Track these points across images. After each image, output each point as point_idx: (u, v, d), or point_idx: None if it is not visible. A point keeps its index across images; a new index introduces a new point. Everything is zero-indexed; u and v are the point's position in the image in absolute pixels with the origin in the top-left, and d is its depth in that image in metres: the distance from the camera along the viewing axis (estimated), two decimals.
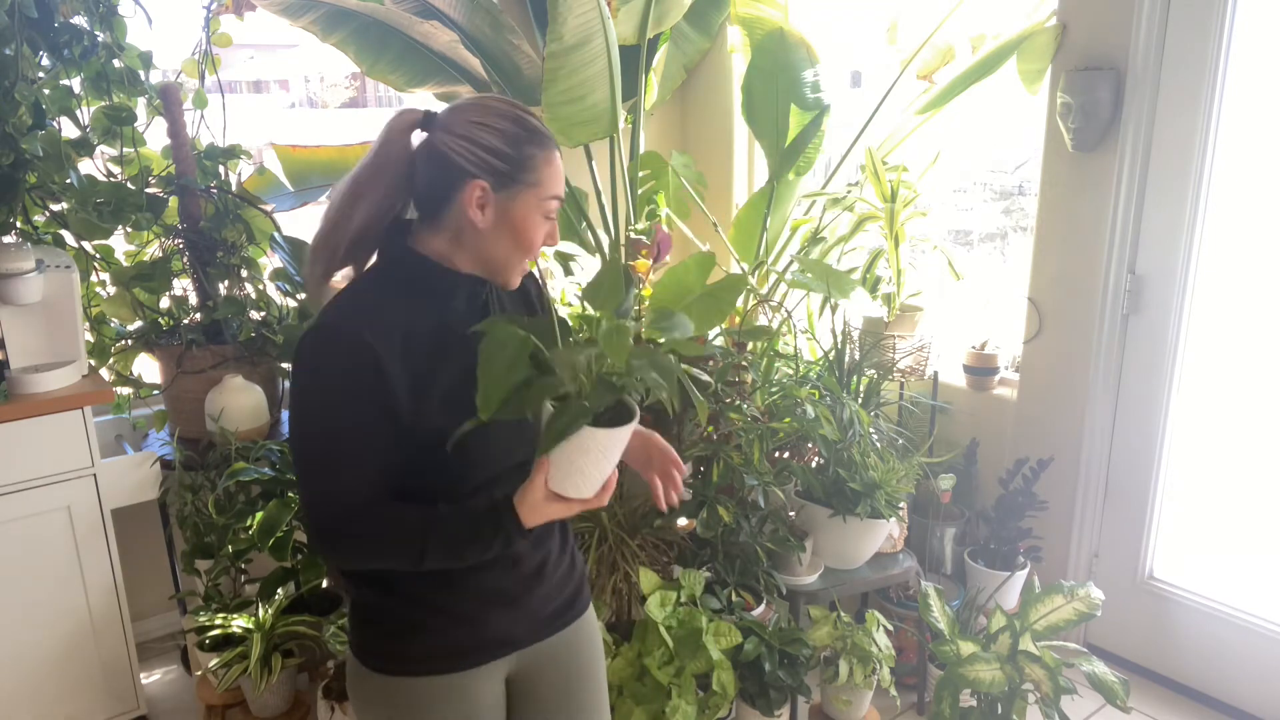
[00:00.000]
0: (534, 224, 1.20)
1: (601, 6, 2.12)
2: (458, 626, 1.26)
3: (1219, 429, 2.38)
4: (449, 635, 1.26)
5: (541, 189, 1.20)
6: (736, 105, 2.92)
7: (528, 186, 1.18)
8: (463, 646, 1.27)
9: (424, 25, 2.37)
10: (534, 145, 1.19)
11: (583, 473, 1.10)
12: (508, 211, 1.18)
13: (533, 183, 1.19)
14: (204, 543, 2.21)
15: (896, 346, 2.56)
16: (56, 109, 2.22)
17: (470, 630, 1.27)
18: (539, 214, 1.20)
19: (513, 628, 1.31)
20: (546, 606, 1.34)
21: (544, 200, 1.20)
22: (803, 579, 2.26)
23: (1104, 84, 2.25)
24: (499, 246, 1.20)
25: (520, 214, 1.19)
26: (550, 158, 1.20)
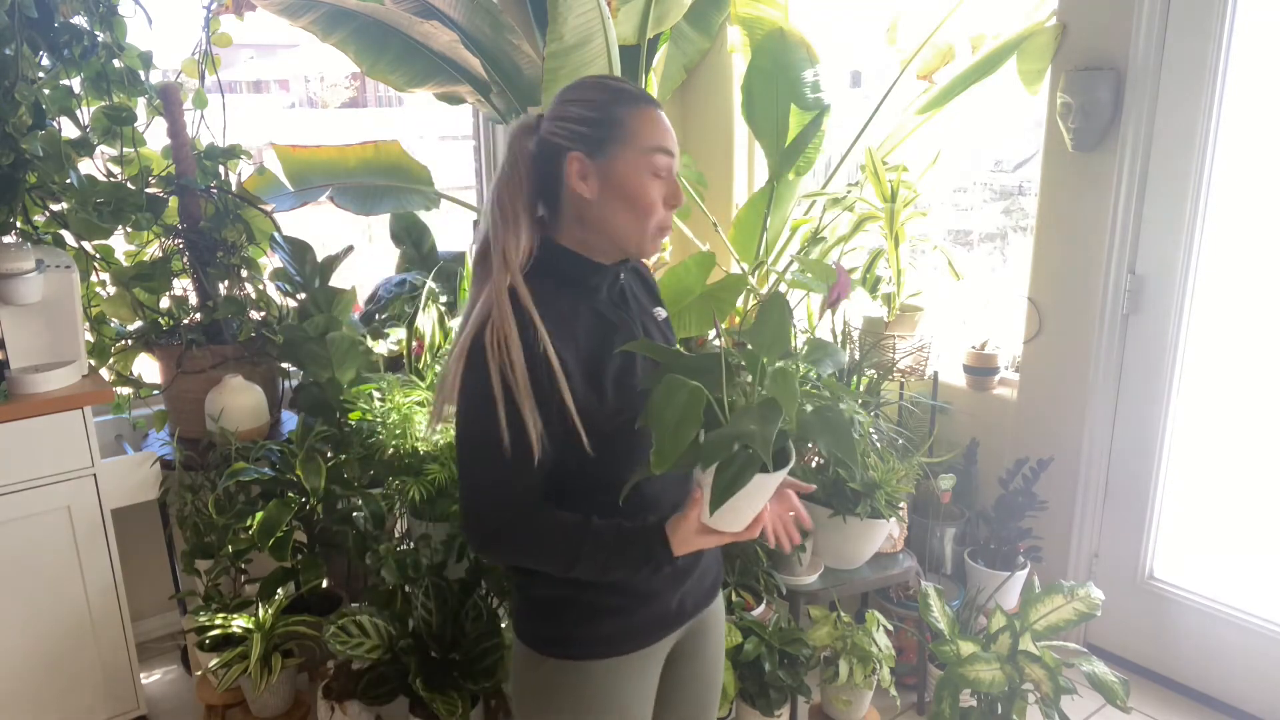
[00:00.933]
0: (641, 182, 1.17)
1: (601, 6, 2.12)
2: (648, 604, 1.28)
3: (1219, 429, 2.38)
4: (640, 614, 1.28)
5: (638, 142, 1.17)
6: (736, 105, 2.92)
7: (622, 144, 1.17)
8: (652, 621, 1.29)
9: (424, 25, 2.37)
10: (621, 105, 1.18)
11: (736, 510, 1.11)
12: (610, 176, 1.17)
13: (626, 139, 1.17)
14: (204, 543, 2.21)
15: (896, 346, 2.56)
16: (56, 109, 2.22)
17: (660, 605, 1.29)
18: (644, 170, 1.17)
19: (689, 597, 1.33)
20: (710, 576, 1.37)
21: (643, 154, 1.17)
22: (803, 579, 2.26)
23: (1104, 84, 2.25)
24: (617, 215, 1.19)
25: (623, 174, 1.17)
26: (642, 112, 1.18)
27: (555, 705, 1.27)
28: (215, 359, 2.37)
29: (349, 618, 1.95)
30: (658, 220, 1.20)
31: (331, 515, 2.19)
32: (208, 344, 2.38)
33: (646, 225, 1.20)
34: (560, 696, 1.27)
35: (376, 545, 2.09)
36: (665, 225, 1.21)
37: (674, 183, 1.20)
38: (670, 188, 1.20)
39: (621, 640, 1.27)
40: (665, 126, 1.19)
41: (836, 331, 2.50)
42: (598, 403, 1.17)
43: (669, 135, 1.19)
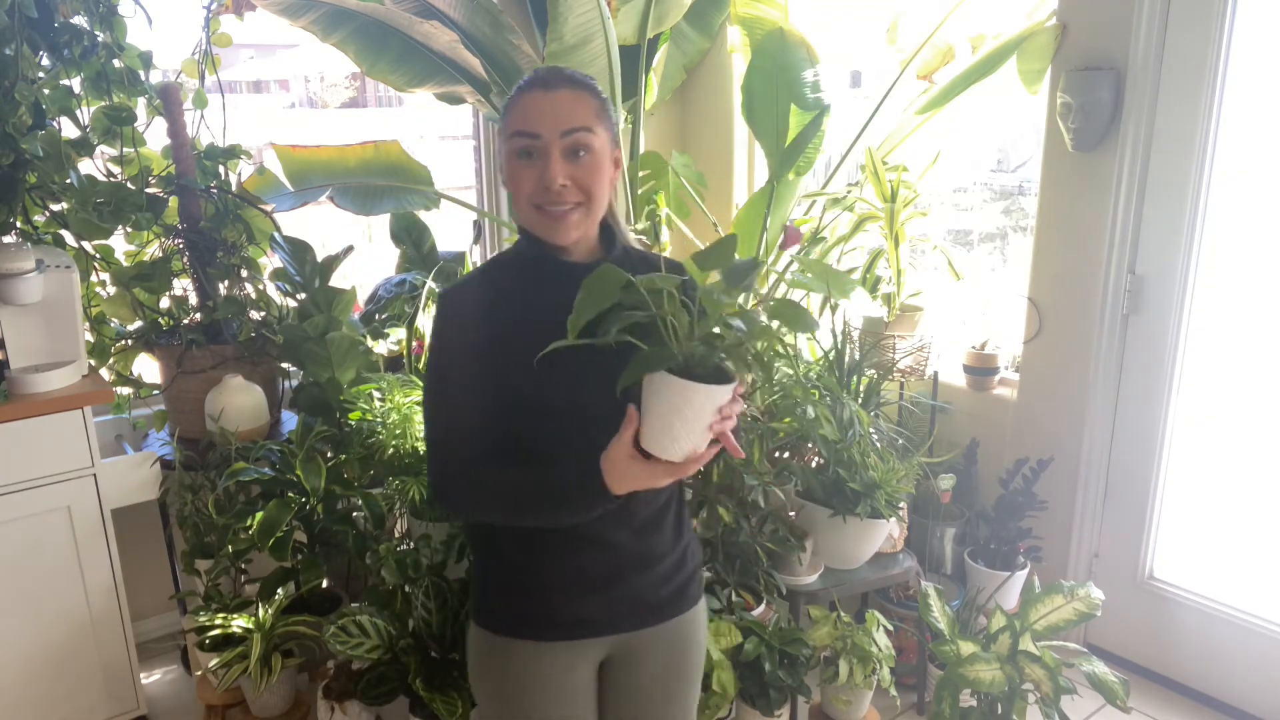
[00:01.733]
0: (509, 166, 1.24)
1: (601, 6, 2.12)
2: (551, 599, 1.30)
3: (1219, 429, 2.38)
4: (548, 605, 1.30)
5: (506, 130, 1.23)
6: (736, 105, 2.92)
7: (502, 134, 1.24)
8: (557, 619, 1.31)
9: (424, 25, 2.37)
10: (512, 96, 1.24)
11: (672, 432, 1.10)
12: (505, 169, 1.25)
13: (502, 129, 1.24)
14: (204, 543, 2.21)
15: (896, 346, 2.56)
16: (56, 109, 2.22)
17: (565, 605, 1.30)
18: (511, 155, 1.22)
19: (604, 612, 1.32)
20: (650, 596, 1.35)
21: (508, 140, 1.22)
22: (803, 579, 2.25)
23: (1104, 84, 2.25)
24: (514, 203, 1.26)
25: (503, 161, 1.25)
26: (514, 100, 1.22)
27: (481, 673, 1.36)
28: (215, 359, 2.37)
29: (349, 618, 1.95)
30: (528, 195, 1.22)
31: (331, 515, 2.19)
32: (208, 344, 2.38)
33: (519, 205, 1.24)
34: (485, 666, 1.35)
35: (376, 545, 2.09)
36: (545, 205, 1.22)
37: (542, 164, 1.20)
38: (537, 168, 1.21)
39: (539, 625, 1.31)
40: (533, 107, 1.20)
41: (835, 331, 2.50)
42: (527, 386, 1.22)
43: (534, 115, 1.20)
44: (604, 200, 1.26)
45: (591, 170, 1.22)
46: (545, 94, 1.20)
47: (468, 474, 1.23)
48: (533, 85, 1.22)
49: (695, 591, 1.42)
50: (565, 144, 1.20)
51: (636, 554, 1.32)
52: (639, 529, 1.32)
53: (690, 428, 1.10)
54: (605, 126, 1.25)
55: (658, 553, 1.34)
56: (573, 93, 1.21)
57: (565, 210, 1.22)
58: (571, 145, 1.20)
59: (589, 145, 1.22)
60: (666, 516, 1.36)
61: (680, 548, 1.39)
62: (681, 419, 1.08)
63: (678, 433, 1.10)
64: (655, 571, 1.34)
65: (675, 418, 1.08)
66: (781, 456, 2.40)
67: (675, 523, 1.38)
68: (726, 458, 2.19)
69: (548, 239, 1.25)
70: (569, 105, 1.21)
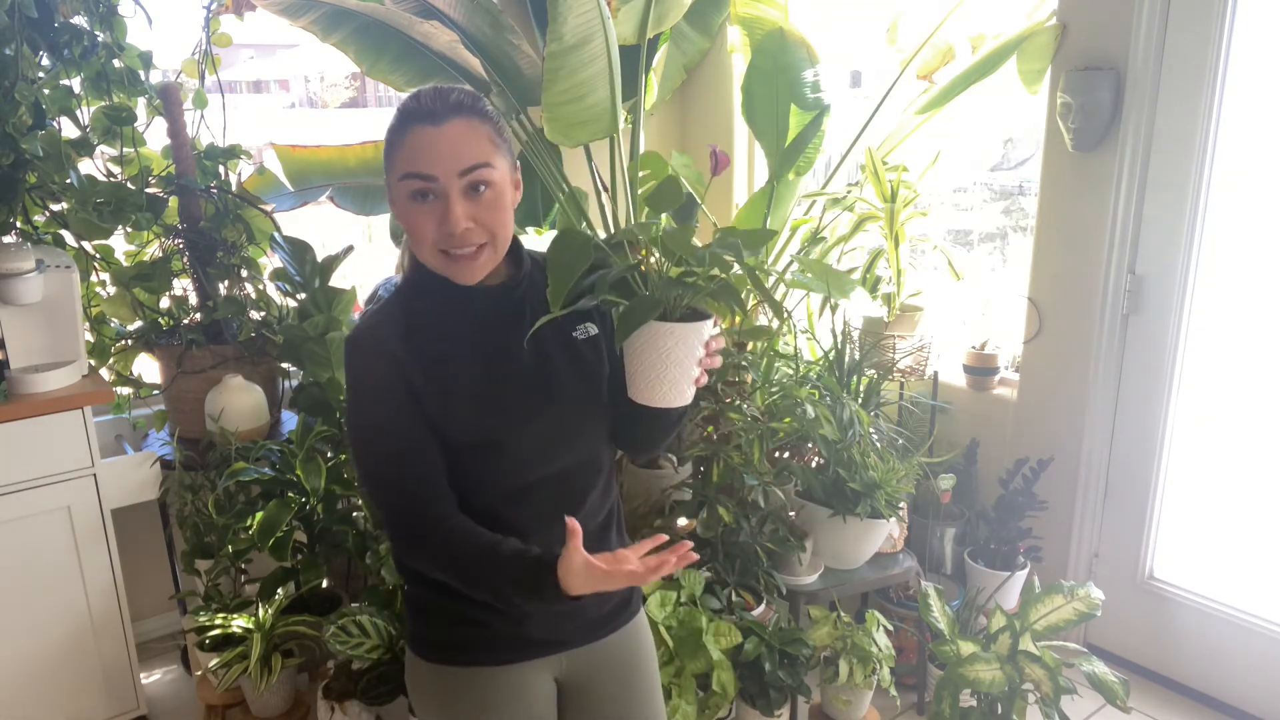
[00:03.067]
0: (403, 210, 1.13)
1: (601, 6, 2.12)
2: (502, 622, 1.27)
3: (1219, 429, 2.38)
4: (494, 629, 1.27)
5: (393, 170, 1.12)
6: (736, 105, 2.92)
7: (389, 174, 1.14)
8: (507, 642, 1.28)
9: (424, 25, 2.37)
10: (391, 133, 1.13)
11: (668, 377, 1.12)
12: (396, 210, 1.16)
13: (390, 169, 1.13)
14: (204, 543, 2.21)
15: (896, 346, 2.56)
16: (56, 109, 2.22)
17: (515, 627, 1.28)
18: (402, 198, 1.12)
19: (560, 629, 1.31)
20: (599, 609, 1.34)
21: (397, 182, 1.12)
22: (803, 579, 2.25)
23: (1104, 84, 2.25)
24: (414, 248, 1.17)
25: (397, 209, 1.16)
26: (400, 138, 1.11)
27: (426, 705, 1.32)
28: (215, 359, 2.37)
29: (349, 618, 1.95)
30: (431, 243, 1.13)
31: (331, 515, 2.19)
32: (208, 344, 2.38)
33: (423, 252, 1.15)
34: (430, 697, 1.31)
35: (376, 545, 2.09)
36: (452, 246, 1.13)
37: (442, 207, 1.11)
38: (438, 212, 1.11)
39: (482, 651, 1.27)
40: (422, 146, 1.10)
41: (835, 331, 2.50)
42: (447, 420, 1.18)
43: (425, 155, 1.09)
44: (509, 234, 1.18)
45: (494, 208, 1.14)
46: (435, 129, 1.09)
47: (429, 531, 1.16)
48: (416, 118, 1.10)
49: (637, 602, 1.42)
50: (463, 183, 1.11)
51: None
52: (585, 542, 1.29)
53: (683, 369, 1.12)
54: (503, 153, 1.16)
55: None
56: (464, 122, 1.11)
57: (472, 253, 1.14)
58: (471, 183, 1.11)
59: (489, 180, 1.12)
60: (610, 528, 1.36)
61: None
62: (674, 362, 1.11)
63: (674, 377, 1.12)
64: None
65: (667, 362, 1.11)
66: (781, 456, 2.40)
67: (617, 532, 1.38)
68: (727, 458, 2.19)
69: (456, 280, 1.17)
70: (462, 139, 1.10)
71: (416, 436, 1.17)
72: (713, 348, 1.15)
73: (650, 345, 1.11)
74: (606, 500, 1.35)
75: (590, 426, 1.28)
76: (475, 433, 1.19)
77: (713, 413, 2.23)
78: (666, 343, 1.10)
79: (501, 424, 1.20)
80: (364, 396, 1.18)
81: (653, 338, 1.10)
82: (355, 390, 1.19)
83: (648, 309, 1.07)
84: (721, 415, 2.23)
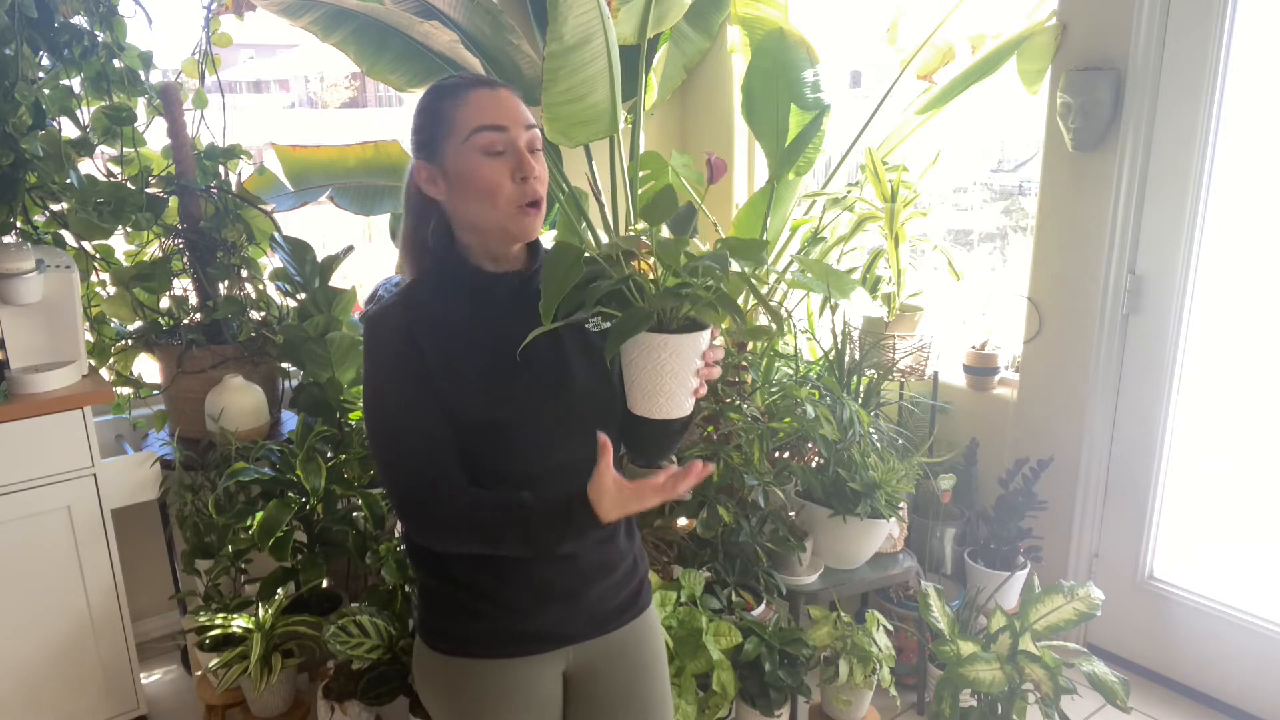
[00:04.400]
0: (474, 166, 1.17)
1: (601, 6, 2.12)
2: (510, 616, 1.28)
3: (1219, 428, 2.38)
4: (501, 623, 1.28)
5: (459, 130, 1.17)
6: (736, 105, 2.92)
7: (447, 138, 1.18)
8: (514, 635, 1.28)
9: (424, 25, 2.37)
10: (443, 99, 1.20)
11: (665, 389, 1.11)
12: (449, 172, 1.20)
13: (449, 132, 1.18)
14: (204, 543, 2.20)
15: (896, 346, 2.56)
16: (56, 109, 2.22)
17: (522, 621, 1.28)
18: (474, 154, 1.17)
19: (567, 623, 1.31)
20: (607, 603, 1.34)
21: (468, 138, 1.16)
22: (803, 579, 2.26)
23: (1104, 84, 2.25)
24: (469, 207, 1.20)
25: (456, 166, 1.19)
26: (460, 99, 1.18)
27: (435, 694, 1.33)
28: (215, 359, 2.37)
29: (349, 618, 1.95)
30: (508, 197, 1.17)
31: (331, 515, 2.19)
32: (208, 344, 2.38)
33: (499, 206, 1.18)
34: (439, 687, 1.32)
35: (376, 545, 2.09)
36: (527, 198, 1.18)
37: (517, 154, 1.17)
38: (513, 160, 1.17)
39: (488, 644, 1.28)
40: (488, 103, 1.17)
41: (835, 331, 2.50)
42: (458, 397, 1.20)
43: (492, 110, 1.16)
44: None
45: (544, 167, 1.21)
46: (492, 92, 1.18)
47: (441, 503, 1.18)
48: (472, 85, 1.19)
49: (646, 597, 1.42)
50: (528, 138, 1.18)
51: (594, 563, 1.31)
52: (596, 537, 1.30)
53: (680, 380, 1.12)
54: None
55: (613, 560, 1.34)
56: (512, 94, 1.21)
57: (539, 207, 1.20)
58: (531, 141, 1.19)
59: (539, 144, 1.21)
60: (619, 524, 1.36)
61: (632, 553, 1.39)
62: (670, 374, 1.10)
63: (670, 389, 1.11)
64: (612, 578, 1.34)
65: (663, 375, 1.10)
66: (781, 456, 2.40)
67: (626, 528, 1.38)
68: (727, 458, 2.19)
69: (524, 236, 1.22)
70: (517, 103, 1.20)
71: (429, 413, 1.19)
72: (710, 359, 1.14)
73: (645, 358, 1.10)
74: None
75: (599, 418, 1.28)
76: (483, 414, 1.20)
77: (713, 413, 2.23)
78: (661, 355, 1.09)
79: (510, 409, 1.21)
80: (379, 372, 1.21)
81: (648, 350, 1.10)
82: (371, 366, 1.21)
83: (639, 322, 1.07)
84: (721, 415, 2.23)
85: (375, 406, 1.21)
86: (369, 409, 1.22)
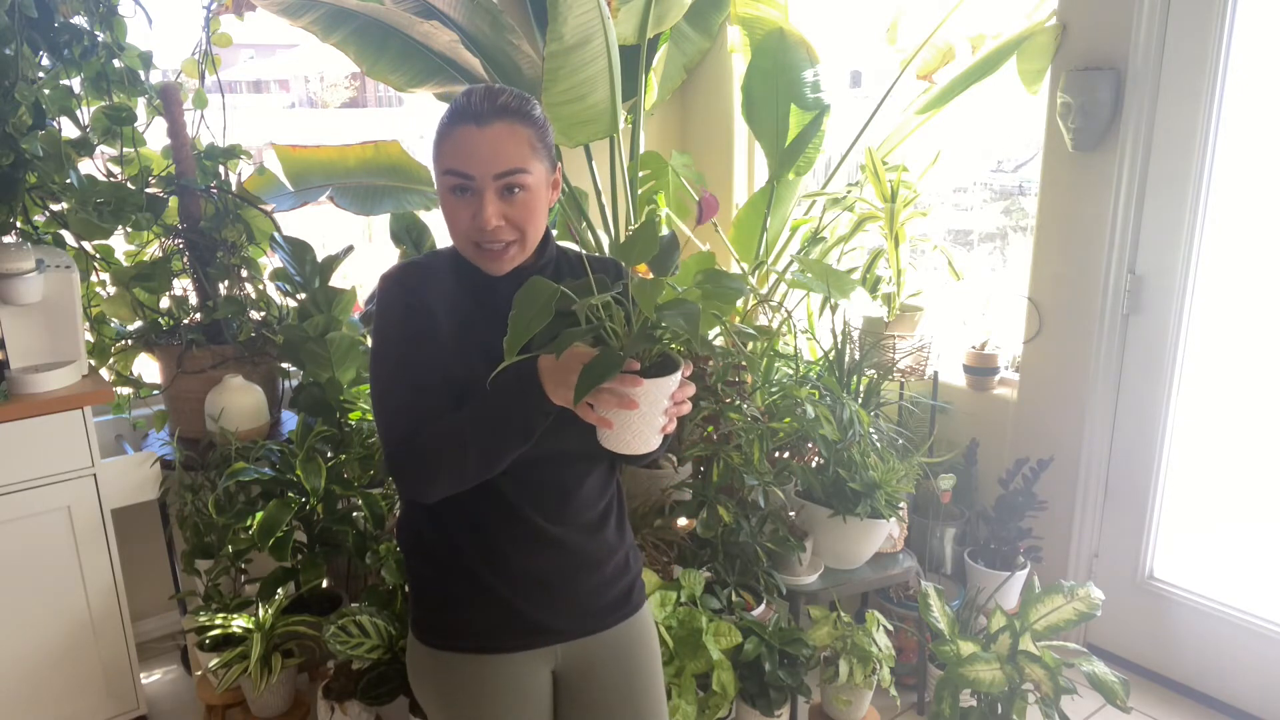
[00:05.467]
0: (447, 204, 1.22)
1: (601, 6, 2.12)
2: (496, 607, 1.28)
3: (1219, 428, 2.38)
4: (488, 616, 1.28)
5: (439, 165, 1.22)
6: (736, 105, 2.92)
7: (434, 165, 1.22)
8: (502, 628, 1.29)
9: (424, 25, 2.37)
10: (441, 128, 1.22)
11: (633, 428, 1.12)
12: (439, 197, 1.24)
13: (435, 160, 1.22)
14: (204, 543, 2.20)
15: (896, 346, 2.56)
16: (56, 109, 2.22)
17: (508, 614, 1.29)
18: (445, 191, 1.21)
19: (555, 618, 1.31)
20: (596, 600, 1.34)
21: (441, 176, 1.20)
22: (803, 579, 2.26)
23: (1104, 84, 2.25)
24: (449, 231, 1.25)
25: (438, 191, 1.23)
26: (445, 134, 1.19)
27: (425, 687, 1.35)
28: (215, 359, 2.37)
29: (349, 618, 1.95)
30: (464, 234, 1.21)
31: (331, 515, 2.19)
32: (208, 344, 2.38)
33: (458, 240, 1.24)
34: (430, 680, 1.33)
35: (376, 545, 2.09)
36: (483, 242, 1.20)
37: (476, 204, 1.18)
38: (470, 206, 1.19)
39: (476, 638, 1.29)
40: (464, 146, 1.17)
41: (835, 331, 2.50)
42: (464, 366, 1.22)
43: (463, 156, 1.17)
44: (539, 232, 1.25)
45: (525, 209, 1.21)
46: (478, 130, 1.17)
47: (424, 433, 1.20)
48: (464, 118, 1.18)
49: (639, 598, 1.42)
50: (499, 185, 1.19)
51: (582, 556, 1.32)
52: (583, 529, 1.31)
53: (647, 421, 1.12)
54: (541, 157, 1.22)
55: (601, 555, 1.34)
56: (507, 126, 1.18)
57: (501, 248, 1.22)
58: (506, 185, 1.19)
59: (523, 184, 1.19)
60: (609, 518, 1.36)
61: (623, 551, 1.39)
62: (640, 415, 1.10)
63: (639, 428, 1.12)
64: (600, 574, 1.34)
65: (632, 416, 1.10)
66: (781, 456, 2.41)
67: (617, 525, 1.38)
68: (727, 458, 2.19)
69: (483, 270, 1.26)
70: (502, 143, 1.17)
71: (428, 372, 1.22)
72: (679, 398, 1.14)
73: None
74: (604, 494, 1.36)
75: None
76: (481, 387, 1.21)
77: (713, 413, 2.23)
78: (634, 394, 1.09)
79: None
80: (386, 328, 1.25)
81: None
82: (379, 321, 1.25)
83: (609, 369, 1.05)
84: (721, 415, 2.23)
85: (376, 361, 1.26)
86: (371, 363, 1.27)
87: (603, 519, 1.35)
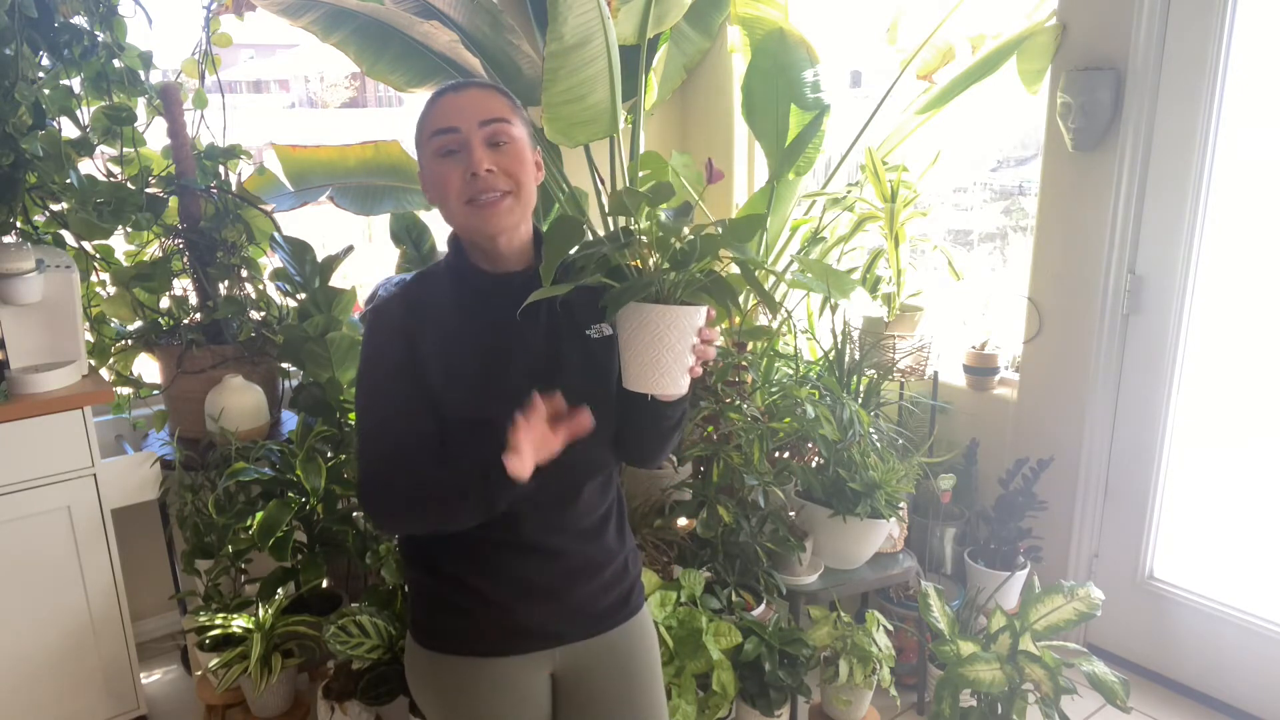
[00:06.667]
0: (433, 170, 1.23)
1: (601, 6, 2.12)
2: (493, 613, 1.28)
3: (1219, 428, 2.38)
4: (488, 620, 1.28)
5: (422, 137, 1.23)
6: (736, 105, 2.92)
7: (420, 148, 1.25)
8: (501, 632, 1.29)
9: (424, 25, 2.37)
10: (423, 110, 1.24)
11: (661, 363, 1.13)
12: (424, 178, 1.25)
13: (420, 142, 1.24)
14: (204, 543, 2.20)
15: (896, 346, 2.56)
16: (56, 109, 2.22)
17: (508, 618, 1.29)
18: (432, 158, 1.22)
19: (554, 622, 1.31)
20: (595, 604, 1.34)
21: (426, 144, 1.22)
22: (803, 579, 2.26)
23: (1104, 84, 2.25)
24: (440, 210, 1.25)
25: (424, 171, 1.25)
26: (429, 109, 1.23)
27: (424, 691, 1.35)
28: (215, 359, 2.37)
29: (349, 618, 1.95)
30: (457, 193, 1.21)
31: (331, 515, 2.19)
32: (208, 344, 2.38)
33: (450, 205, 1.23)
34: (428, 684, 1.34)
35: (376, 545, 2.09)
36: (477, 192, 1.20)
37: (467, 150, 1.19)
38: (465, 160, 1.20)
39: (475, 641, 1.29)
40: (446, 107, 1.21)
41: (835, 331, 2.50)
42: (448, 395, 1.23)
43: (446, 113, 1.20)
44: (533, 192, 1.26)
45: (515, 158, 1.22)
46: (455, 95, 1.22)
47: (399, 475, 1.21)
48: (441, 92, 1.23)
49: (638, 600, 1.42)
50: (485, 134, 1.20)
51: (580, 562, 1.32)
52: (581, 535, 1.31)
53: (676, 354, 1.13)
54: (522, 122, 1.25)
55: (600, 560, 1.34)
56: (481, 91, 1.23)
57: (496, 198, 1.21)
58: (491, 135, 1.21)
59: (509, 135, 1.22)
60: (608, 523, 1.36)
61: (623, 555, 1.39)
62: (666, 346, 1.12)
63: (667, 363, 1.13)
64: (599, 579, 1.34)
65: (660, 346, 1.12)
66: (781, 456, 2.40)
67: (617, 529, 1.38)
68: (727, 458, 2.19)
69: (483, 231, 1.23)
70: (482, 99, 1.22)
71: (410, 408, 1.22)
72: (706, 336, 1.16)
73: (644, 328, 1.12)
74: (605, 498, 1.36)
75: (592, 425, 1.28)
76: (475, 412, 1.22)
77: (713, 413, 2.23)
78: (659, 325, 1.11)
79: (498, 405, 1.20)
80: (370, 363, 1.26)
81: (646, 320, 1.12)
82: (362, 358, 1.27)
83: (640, 288, 1.10)
84: (721, 415, 2.23)
85: (357, 398, 1.28)
86: (357, 393, 1.29)
87: (602, 524, 1.35)
